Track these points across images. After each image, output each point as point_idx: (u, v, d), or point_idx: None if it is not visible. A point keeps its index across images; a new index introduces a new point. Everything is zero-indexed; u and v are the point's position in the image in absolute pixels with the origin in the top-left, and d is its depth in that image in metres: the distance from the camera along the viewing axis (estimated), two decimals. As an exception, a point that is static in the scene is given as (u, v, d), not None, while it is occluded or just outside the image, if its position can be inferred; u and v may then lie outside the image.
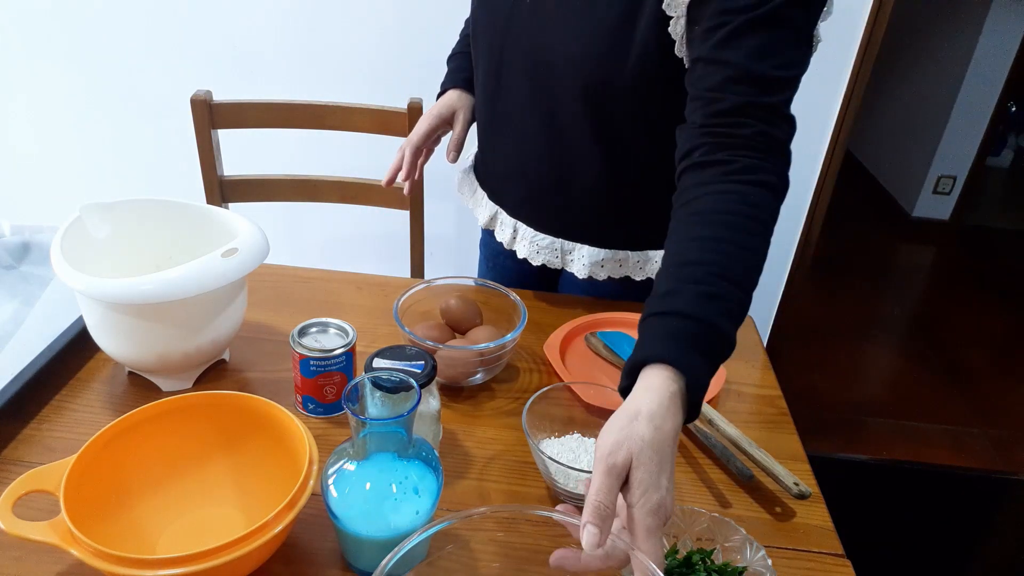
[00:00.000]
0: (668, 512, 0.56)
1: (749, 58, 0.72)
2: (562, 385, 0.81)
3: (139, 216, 0.89)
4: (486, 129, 1.08)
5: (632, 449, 0.56)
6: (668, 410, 0.59)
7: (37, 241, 1.02)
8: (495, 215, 1.11)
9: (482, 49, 1.01)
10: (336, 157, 1.63)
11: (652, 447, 0.56)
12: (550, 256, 1.05)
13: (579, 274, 1.03)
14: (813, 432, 2.26)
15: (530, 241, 1.06)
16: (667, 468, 0.57)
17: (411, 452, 0.62)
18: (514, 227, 1.07)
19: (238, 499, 0.70)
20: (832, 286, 3.09)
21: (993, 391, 2.55)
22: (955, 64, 3.32)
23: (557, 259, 1.05)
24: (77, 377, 0.86)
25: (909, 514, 2.01)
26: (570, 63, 0.89)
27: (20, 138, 2.05)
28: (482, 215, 1.13)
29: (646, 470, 0.55)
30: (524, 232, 1.06)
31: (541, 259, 1.05)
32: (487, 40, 0.99)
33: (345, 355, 0.80)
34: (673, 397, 0.60)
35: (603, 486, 0.54)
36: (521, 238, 1.07)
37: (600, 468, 0.55)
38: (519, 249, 1.07)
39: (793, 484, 0.74)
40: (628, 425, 0.57)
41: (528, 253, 1.06)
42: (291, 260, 1.11)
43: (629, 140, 0.93)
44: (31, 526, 0.57)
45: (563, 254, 1.04)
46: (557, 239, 1.04)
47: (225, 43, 1.86)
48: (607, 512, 0.54)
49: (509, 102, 0.99)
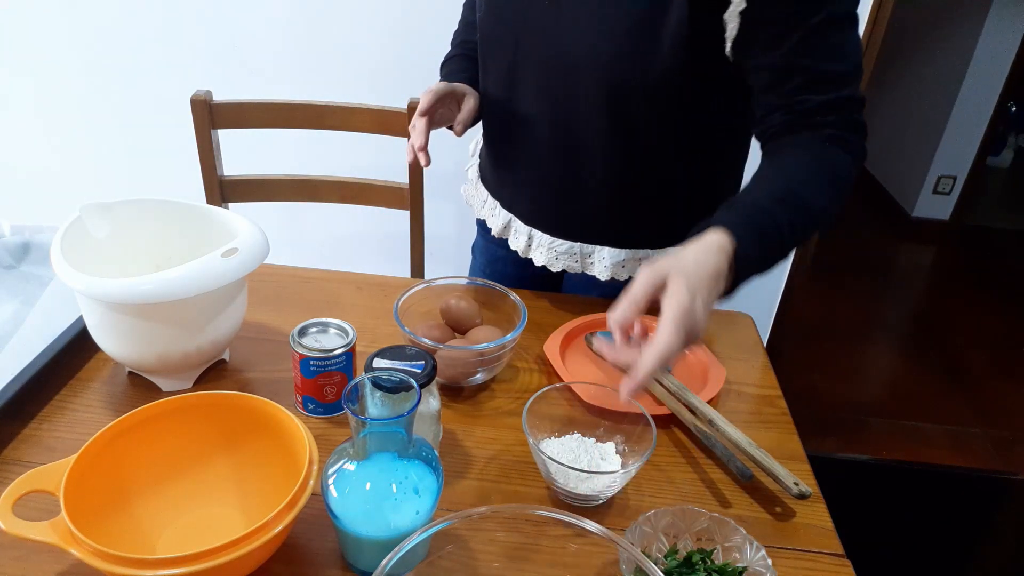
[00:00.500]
0: (700, 323, 0.66)
1: (824, 61, 0.79)
2: (562, 385, 0.81)
3: (139, 216, 0.89)
4: (497, 135, 1.06)
5: (673, 265, 0.67)
6: (711, 253, 0.70)
7: (37, 241, 1.02)
8: (508, 224, 1.08)
9: (493, 51, 0.98)
10: (336, 157, 1.63)
11: (690, 270, 0.67)
12: (569, 261, 1.03)
13: (601, 276, 1.02)
14: (813, 432, 2.26)
15: (547, 248, 1.04)
16: (702, 292, 0.67)
17: (411, 452, 0.62)
18: (529, 235, 1.05)
19: (238, 499, 0.71)
20: (832, 286, 3.09)
21: (993, 391, 2.55)
22: (955, 64, 3.32)
23: (577, 263, 1.03)
24: (77, 377, 0.86)
25: (909, 514, 2.01)
26: (593, 63, 0.87)
27: (20, 138, 2.05)
28: (495, 224, 1.10)
29: (678, 283, 0.66)
30: (540, 239, 1.04)
31: (560, 265, 1.03)
32: (499, 41, 0.96)
33: (345, 355, 0.80)
34: (721, 249, 0.70)
35: (640, 282, 0.67)
36: (537, 245, 1.05)
37: (641, 278, 0.68)
38: (536, 257, 1.05)
39: (793, 484, 0.74)
40: (671, 260, 0.69)
41: (546, 260, 1.04)
42: (291, 260, 1.11)
43: (652, 137, 0.92)
44: (31, 526, 0.57)
45: (582, 257, 1.03)
46: (576, 243, 1.02)
47: (225, 43, 1.86)
48: (636, 300, 0.67)
49: (524, 105, 0.97)
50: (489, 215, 1.12)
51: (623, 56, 0.85)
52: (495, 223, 1.10)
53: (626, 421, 0.78)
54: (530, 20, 0.91)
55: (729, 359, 0.98)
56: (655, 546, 0.67)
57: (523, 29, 0.92)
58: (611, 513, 0.74)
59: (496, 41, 0.97)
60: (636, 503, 0.75)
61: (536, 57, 0.92)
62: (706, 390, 0.90)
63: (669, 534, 0.68)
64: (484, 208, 1.13)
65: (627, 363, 0.67)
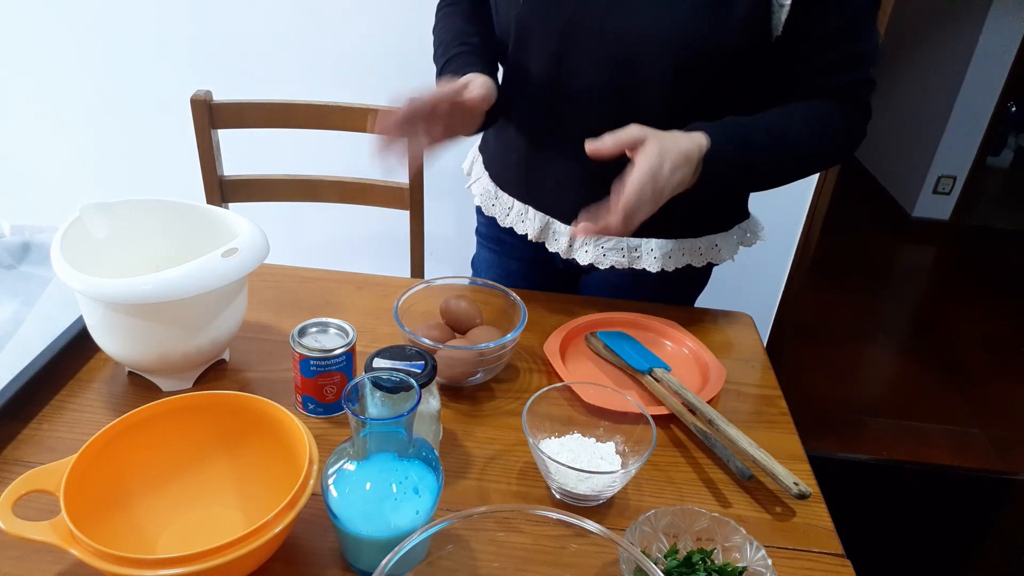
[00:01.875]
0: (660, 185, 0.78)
1: (857, 41, 0.87)
2: (562, 385, 0.81)
3: (139, 216, 0.89)
4: (533, 136, 1.00)
5: (654, 133, 0.80)
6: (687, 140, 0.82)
7: (37, 241, 1.02)
8: (546, 226, 1.05)
9: (531, 40, 0.92)
10: (336, 157, 1.62)
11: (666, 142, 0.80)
12: (617, 256, 1.02)
13: (652, 268, 1.02)
14: (813, 432, 2.26)
15: (594, 245, 1.02)
16: (670, 161, 0.79)
17: (411, 452, 0.62)
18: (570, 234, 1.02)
19: (238, 499, 0.71)
20: (832, 286, 3.09)
21: (993, 391, 2.55)
22: (955, 64, 3.32)
23: (624, 258, 1.02)
24: (77, 377, 0.86)
25: (909, 514, 2.01)
26: (663, 41, 0.84)
27: (20, 138, 2.05)
28: (530, 229, 1.06)
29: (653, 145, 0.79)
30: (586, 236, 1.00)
31: (609, 261, 1.02)
32: (541, 28, 0.90)
33: (345, 355, 0.80)
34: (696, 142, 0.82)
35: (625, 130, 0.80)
36: (582, 244, 1.03)
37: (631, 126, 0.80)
38: (580, 256, 1.03)
39: (793, 484, 0.74)
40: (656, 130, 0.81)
41: (593, 258, 1.02)
42: (291, 260, 1.11)
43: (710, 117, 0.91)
44: (31, 526, 0.57)
45: (629, 251, 1.01)
46: (623, 238, 1.00)
47: (225, 43, 1.86)
48: (617, 137, 0.79)
49: (574, 96, 0.92)
50: (518, 221, 1.08)
51: (699, 29, 0.83)
52: (529, 228, 1.07)
53: (626, 421, 0.78)
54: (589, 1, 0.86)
55: (729, 359, 0.98)
56: (655, 546, 0.67)
57: (574, 10, 0.87)
58: (611, 513, 0.74)
59: (536, 27, 0.91)
60: (636, 503, 0.75)
61: (593, 41, 0.87)
62: (706, 390, 0.90)
63: (669, 534, 0.68)
64: (510, 216, 1.10)
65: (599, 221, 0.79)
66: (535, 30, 0.92)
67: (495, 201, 1.12)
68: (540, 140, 1.01)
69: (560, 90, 0.93)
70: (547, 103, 0.96)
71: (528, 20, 0.92)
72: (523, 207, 1.08)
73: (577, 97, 0.93)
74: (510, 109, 1.01)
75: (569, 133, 0.94)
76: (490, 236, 1.19)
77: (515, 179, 1.08)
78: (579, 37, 0.88)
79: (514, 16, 0.93)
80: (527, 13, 0.91)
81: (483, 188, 1.14)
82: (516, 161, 1.06)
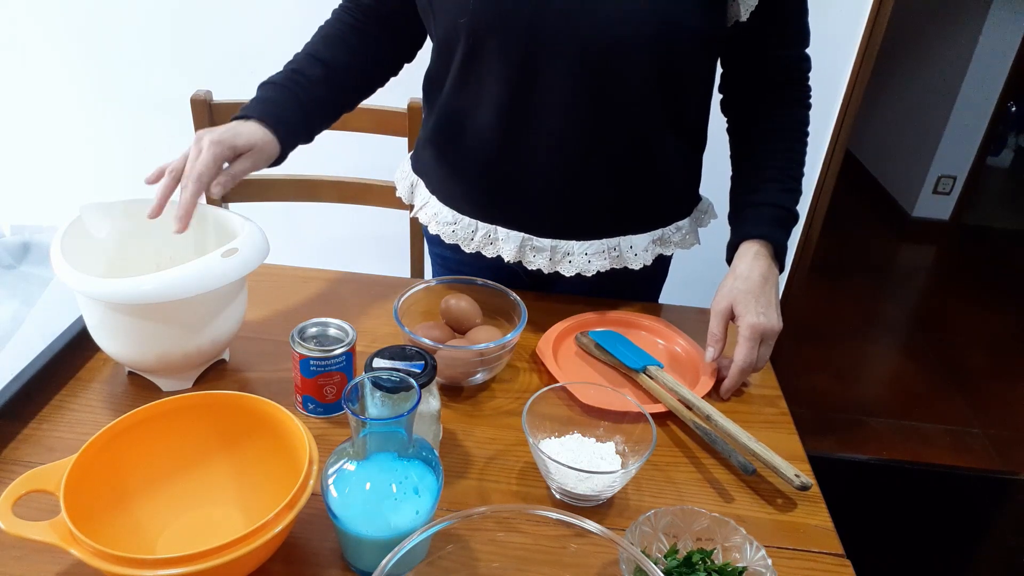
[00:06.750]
0: (770, 326, 0.89)
1: (803, 16, 0.94)
2: (562, 385, 0.81)
3: (139, 216, 0.89)
4: (502, 148, 0.93)
5: (730, 296, 0.91)
6: (753, 267, 0.91)
7: (37, 241, 1.02)
8: (520, 246, 0.99)
9: (487, 49, 0.86)
10: (336, 157, 1.62)
11: (743, 291, 0.90)
12: (601, 260, 0.99)
13: (634, 266, 1.01)
14: (813, 432, 2.26)
15: (578, 254, 0.98)
16: (761, 301, 0.89)
17: (411, 452, 0.62)
18: (552, 248, 0.98)
19: (238, 499, 0.70)
20: (832, 286, 3.09)
21: (993, 391, 2.55)
22: (955, 64, 3.32)
23: (606, 260, 0.99)
24: (77, 377, 0.86)
25: (909, 514, 2.01)
26: (643, 41, 0.81)
27: (20, 138, 2.05)
28: (506, 252, 0.99)
29: (742, 305, 0.89)
30: (567, 247, 0.98)
31: (595, 267, 0.99)
32: (499, 36, 0.84)
33: (345, 355, 0.80)
34: (756, 256, 0.92)
35: (715, 324, 0.91)
36: (565, 255, 0.99)
37: (714, 314, 0.92)
38: (563, 269, 0.99)
39: (794, 476, 0.74)
40: (728, 284, 0.92)
41: (579, 267, 0.99)
42: (291, 260, 1.11)
43: (694, 109, 0.94)
44: (31, 526, 0.57)
45: (609, 251, 0.99)
46: (604, 240, 0.98)
47: (225, 43, 1.86)
48: (717, 338, 0.91)
49: (544, 103, 0.87)
50: (486, 244, 1.00)
51: (683, 28, 0.83)
52: (503, 249, 0.99)
53: (626, 421, 0.78)
54: (552, 2, 0.81)
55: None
56: (655, 546, 0.67)
57: (543, 11, 0.82)
58: (611, 513, 0.74)
59: (495, 32, 0.84)
60: (636, 503, 0.75)
61: (566, 44, 0.82)
62: (699, 386, 0.90)
63: (669, 534, 0.68)
64: (474, 241, 1.01)
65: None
66: (491, 38, 0.85)
67: (454, 227, 1.02)
68: (507, 154, 0.94)
69: (527, 99, 0.87)
70: (512, 114, 0.90)
71: (481, 29, 0.85)
72: (489, 228, 1.00)
73: (548, 103, 0.87)
74: (461, 126, 0.95)
75: (541, 141, 0.91)
76: (456, 260, 1.09)
77: (478, 200, 1.00)
78: (545, 40, 0.83)
79: (464, 24, 0.85)
80: (480, 21, 0.84)
81: (434, 213, 1.05)
82: (477, 180, 0.98)
